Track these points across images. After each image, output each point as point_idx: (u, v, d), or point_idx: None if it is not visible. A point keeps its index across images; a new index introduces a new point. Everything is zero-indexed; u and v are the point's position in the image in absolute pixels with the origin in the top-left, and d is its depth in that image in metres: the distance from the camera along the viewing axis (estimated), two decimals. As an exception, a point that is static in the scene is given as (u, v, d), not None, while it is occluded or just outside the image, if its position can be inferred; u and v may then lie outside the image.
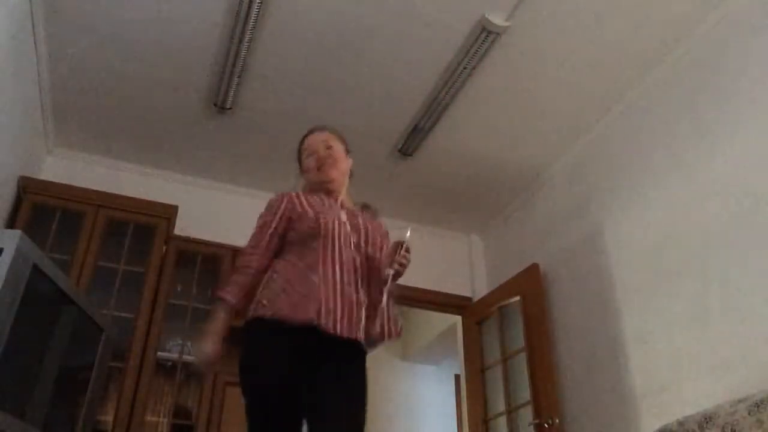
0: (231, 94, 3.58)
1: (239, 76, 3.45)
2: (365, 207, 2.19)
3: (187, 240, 3.78)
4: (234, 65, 3.36)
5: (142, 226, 3.66)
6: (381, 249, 2.01)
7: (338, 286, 1.83)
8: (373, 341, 1.90)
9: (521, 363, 3.89)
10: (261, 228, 2.01)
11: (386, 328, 1.88)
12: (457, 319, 4.77)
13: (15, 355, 2.17)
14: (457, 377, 4.57)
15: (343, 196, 2.15)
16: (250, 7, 3.00)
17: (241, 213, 4.43)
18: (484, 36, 3.14)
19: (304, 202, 2.02)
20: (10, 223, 3.39)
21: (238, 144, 4.09)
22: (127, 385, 3.24)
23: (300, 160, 2.23)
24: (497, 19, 3.06)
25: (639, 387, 3.13)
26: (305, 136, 2.25)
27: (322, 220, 1.94)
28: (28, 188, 3.49)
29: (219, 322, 1.86)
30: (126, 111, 3.79)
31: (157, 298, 3.49)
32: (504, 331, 4.19)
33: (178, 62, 3.42)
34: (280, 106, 3.73)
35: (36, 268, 2.28)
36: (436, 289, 4.55)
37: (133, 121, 3.88)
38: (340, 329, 1.77)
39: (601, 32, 3.17)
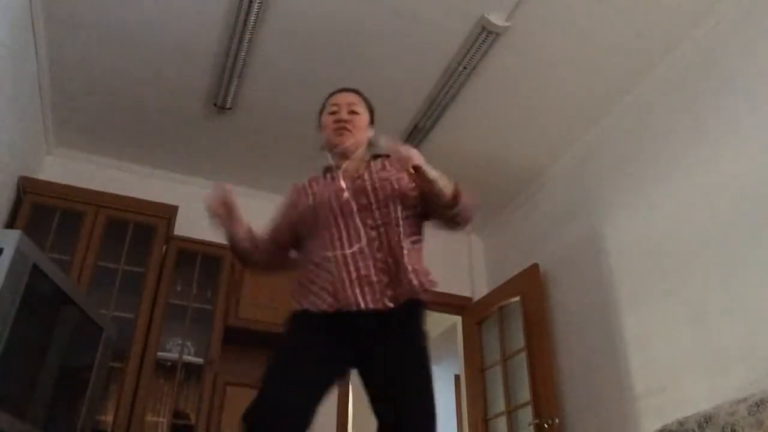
0: (231, 94, 3.59)
1: (239, 76, 3.46)
2: (375, 157, 1.98)
3: (187, 240, 3.78)
4: (234, 65, 3.36)
5: (142, 226, 3.66)
6: (397, 193, 1.85)
7: (350, 262, 1.74)
8: (408, 301, 1.78)
9: (521, 363, 3.89)
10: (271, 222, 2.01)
11: (414, 282, 1.79)
12: (457, 320, 4.76)
13: (15, 355, 2.17)
14: (456, 377, 4.57)
15: (348, 163, 1.95)
16: (250, 7, 3.01)
17: (241, 213, 4.49)
18: (484, 36, 3.15)
19: (308, 188, 1.94)
20: (10, 223, 3.39)
21: (238, 144, 4.09)
22: (127, 385, 3.23)
23: (320, 114, 2.06)
24: (497, 19, 3.06)
25: (639, 387, 3.13)
26: (333, 93, 2.07)
27: (316, 199, 1.86)
28: (28, 188, 3.49)
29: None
30: (126, 111, 3.80)
31: (157, 298, 3.49)
32: (504, 331, 4.19)
33: (178, 62, 3.42)
34: (280, 106, 3.73)
35: (36, 268, 2.28)
36: (436, 289, 4.53)
37: (133, 121, 3.88)
38: (364, 303, 1.69)
39: (600, 32, 3.17)
